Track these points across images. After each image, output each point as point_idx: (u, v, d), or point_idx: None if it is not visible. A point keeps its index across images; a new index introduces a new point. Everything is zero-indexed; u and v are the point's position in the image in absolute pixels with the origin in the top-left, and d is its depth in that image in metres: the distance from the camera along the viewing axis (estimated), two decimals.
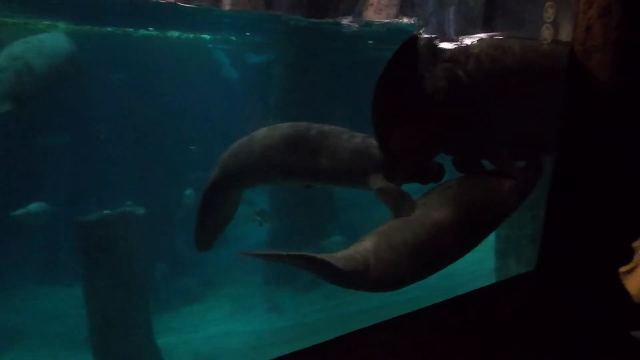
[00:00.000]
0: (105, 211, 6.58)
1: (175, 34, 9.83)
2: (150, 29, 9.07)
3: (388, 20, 6.01)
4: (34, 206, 7.28)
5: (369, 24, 6.48)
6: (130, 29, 8.96)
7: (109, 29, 8.61)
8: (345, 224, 8.06)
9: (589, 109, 3.37)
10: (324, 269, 3.16)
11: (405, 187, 3.82)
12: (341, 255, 3.22)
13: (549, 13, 3.87)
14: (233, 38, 10.77)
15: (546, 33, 3.85)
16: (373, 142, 3.82)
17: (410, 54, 3.23)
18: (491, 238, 4.86)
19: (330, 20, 6.12)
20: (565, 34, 3.83)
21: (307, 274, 7.99)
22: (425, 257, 3.38)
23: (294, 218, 7.85)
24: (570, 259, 3.62)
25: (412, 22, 5.85)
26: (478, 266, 6.64)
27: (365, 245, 3.31)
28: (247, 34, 9.67)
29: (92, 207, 6.71)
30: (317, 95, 7.75)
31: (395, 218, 3.51)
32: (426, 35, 3.31)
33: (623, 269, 2.44)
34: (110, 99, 8.47)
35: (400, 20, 6.00)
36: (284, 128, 4.11)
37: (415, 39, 3.24)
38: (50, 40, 7.31)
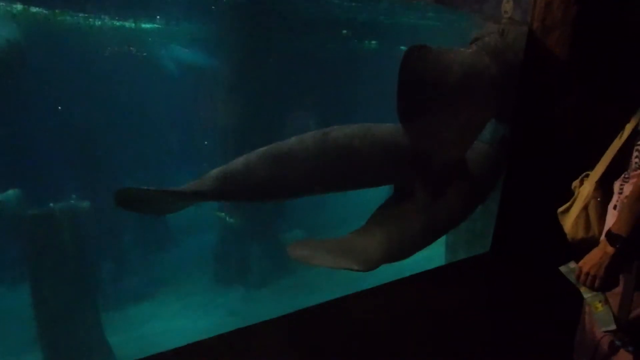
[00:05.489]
0: (49, 204, 6.37)
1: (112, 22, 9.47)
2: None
3: None
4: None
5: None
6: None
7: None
8: (297, 216, 8.09)
9: (547, 88, 3.42)
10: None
11: None
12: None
13: None
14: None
15: (507, 6, 3.94)
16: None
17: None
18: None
19: None
20: (527, 7, 3.95)
21: (257, 272, 8.02)
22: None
23: (244, 214, 7.84)
24: (523, 240, 3.90)
25: None
26: (427, 262, 6.89)
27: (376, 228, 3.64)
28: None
29: (36, 201, 6.44)
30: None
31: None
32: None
33: (560, 209, 2.48)
34: (52, 89, 8.13)
35: None
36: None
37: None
38: None
